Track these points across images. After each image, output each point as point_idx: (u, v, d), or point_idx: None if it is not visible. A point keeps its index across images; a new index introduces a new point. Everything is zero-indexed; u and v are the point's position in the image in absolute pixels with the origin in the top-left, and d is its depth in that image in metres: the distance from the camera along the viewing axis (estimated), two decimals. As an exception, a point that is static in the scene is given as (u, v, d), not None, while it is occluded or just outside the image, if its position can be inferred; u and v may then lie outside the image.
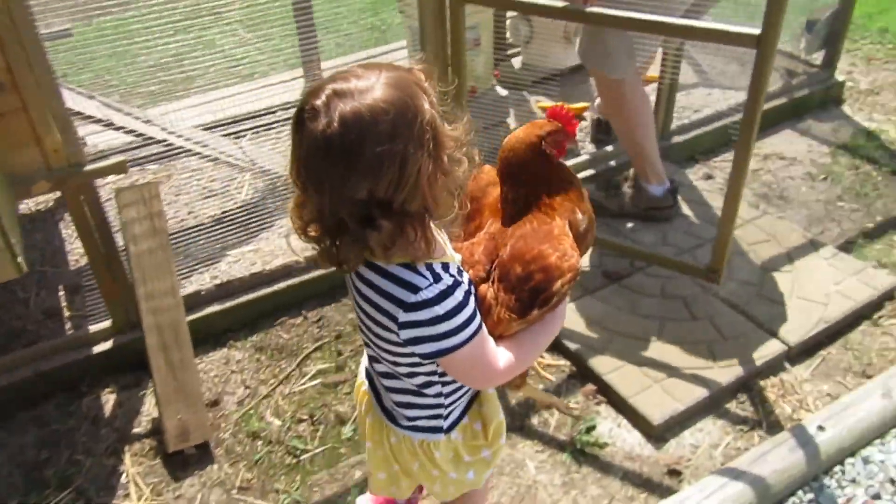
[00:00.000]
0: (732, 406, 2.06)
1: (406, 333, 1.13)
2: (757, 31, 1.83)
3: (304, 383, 2.19)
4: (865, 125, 3.24)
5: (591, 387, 2.13)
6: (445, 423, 1.32)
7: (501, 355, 1.23)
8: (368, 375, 1.40)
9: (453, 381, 1.27)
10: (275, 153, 2.93)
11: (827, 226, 2.68)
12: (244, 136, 3.17)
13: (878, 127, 3.22)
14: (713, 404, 2.05)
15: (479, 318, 1.18)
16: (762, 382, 2.11)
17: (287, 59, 3.09)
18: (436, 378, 1.25)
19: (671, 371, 2.09)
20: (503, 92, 3.03)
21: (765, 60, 1.85)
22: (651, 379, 2.07)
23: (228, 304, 2.33)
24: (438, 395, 1.27)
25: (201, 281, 2.43)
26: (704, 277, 2.23)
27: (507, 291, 1.24)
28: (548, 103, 3.34)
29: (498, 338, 1.25)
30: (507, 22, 3.44)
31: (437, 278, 1.12)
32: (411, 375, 1.24)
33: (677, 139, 3.00)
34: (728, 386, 2.07)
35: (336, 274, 1.19)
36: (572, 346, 2.19)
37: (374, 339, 1.22)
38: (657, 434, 1.98)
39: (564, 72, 3.46)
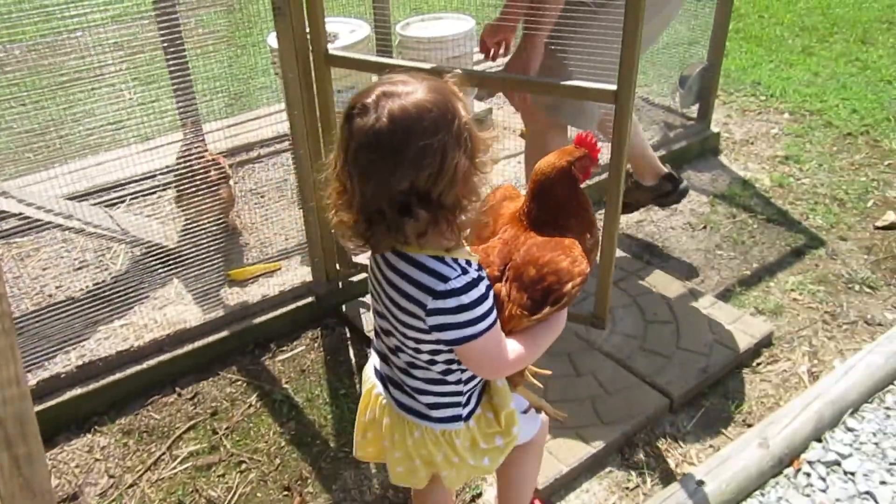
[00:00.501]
0: (617, 464, 2.04)
1: (433, 320, 1.23)
2: (613, 87, 1.87)
3: (174, 468, 2.05)
4: (741, 174, 3.37)
5: (476, 452, 2.07)
6: (464, 412, 1.40)
7: (511, 348, 1.34)
8: (381, 379, 1.45)
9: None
10: (152, 220, 2.82)
11: (707, 274, 2.75)
12: (122, 202, 3.05)
13: (753, 176, 3.36)
14: (598, 463, 2.03)
15: (496, 311, 1.28)
16: (646, 437, 2.11)
17: (173, 121, 3.00)
18: (455, 366, 1.34)
19: (555, 431, 2.06)
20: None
21: (623, 114, 1.89)
22: (536, 441, 2.04)
23: (93, 386, 2.18)
24: (458, 381, 1.36)
25: (66, 361, 2.27)
26: (591, 324, 2.24)
27: (519, 291, 1.36)
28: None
29: (508, 333, 1.36)
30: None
31: (465, 270, 1.24)
32: (432, 363, 1.32)
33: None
34: (612, 443, 2.05)
35: (365, 250, 1.29)
36: (457, 410, 2.13)
37: (398, 326, 1.30)
38: (543, 498, 1.94)
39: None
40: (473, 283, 1.23)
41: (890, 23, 5.16)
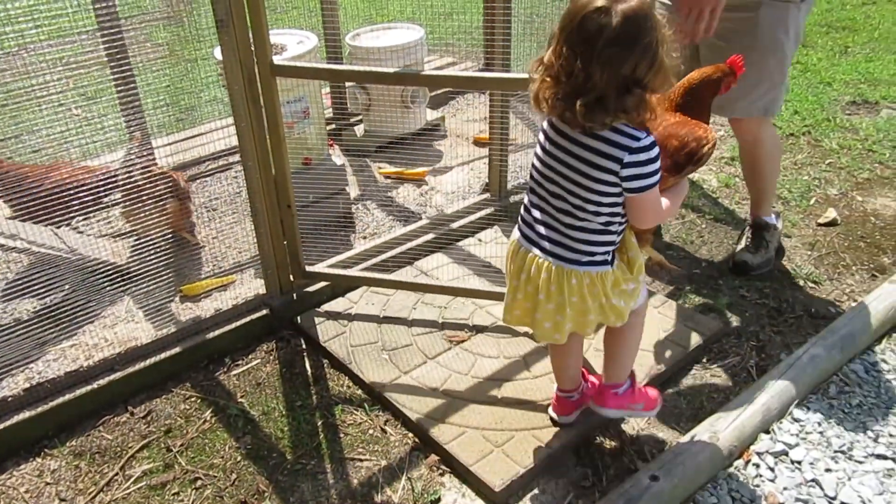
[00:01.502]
0: (573, 463, 2.07)
1: (626, 172, 1.60)
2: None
3: (127, 488, 2.02)
4: (689, 175, 3.44)
5: (434, 457, 2.08)
6: (611, 258, 1.76)
7: (663, 202, 1.74)
8: (534, 243, 1.78)
9: (623, 222, 1.73)
10: (100, 238, 2.78)
11: (658, 274, 2.80)
12: (69, 219, 3.00)
13: (700, 177, 3.44)
14: (554, 464, 2.05)
15: None
16: (600, 436, 2.14)
17: (121, 137, 2.96)
18: (616, 218, 1.71)
19: (511, 433, 2.08)
20: (339, 161, 3.02)
21: None
22: (492, 444, 2.06)
23: (41, 409, 2.14)
24: (614, 232, 1.73)
25: (13, 385, 2.22)
26: None
27: (664, 157, 1.73)
28: (389, 169, 3.37)
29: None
30: (346, 90, 3.46)
31: (648, 135, 1.61)
32: (598, 215, 1.68)
33: (515, 199, 3.08)
34: (568, 443, 2.07)
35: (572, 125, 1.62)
36: (413, 416, 2.14)
37: (580, 188, 1.66)
38: (500, 501, 1.95)
39: (406, 137, 3.51)
40: (654, 144, 1.61)
41: (828, 26, 5.33)
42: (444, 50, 4.75)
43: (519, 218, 1.85)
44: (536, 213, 1.79)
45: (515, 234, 1.85)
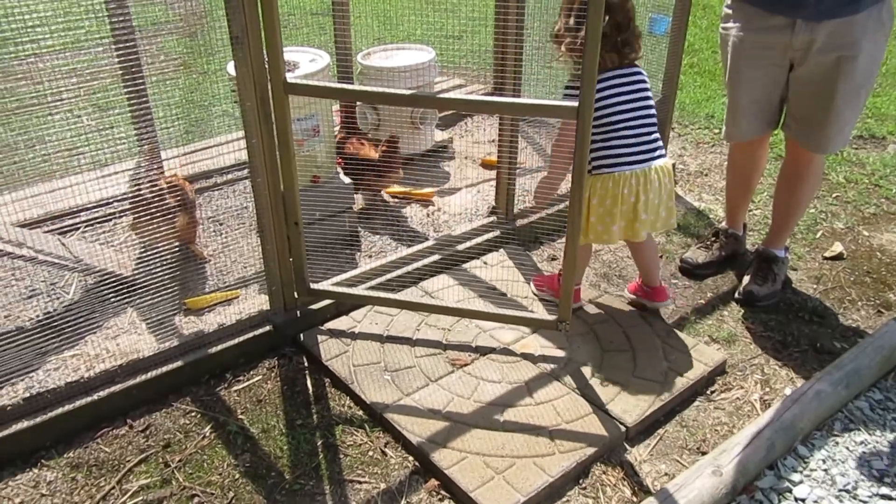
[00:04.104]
0: (574, 493, 2.05)
1: None
2: (575, 104, 1.96)
3: (123, 502, 1.99)
4: (696, 205, 3.45)
5: (433, 482, 2.06)
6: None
7: None
8: (634, 164, 2.36)
9: None
10: (106, 248, 2.77)
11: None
12: (76, 230, 3.00)
13: (707, 206, 3.44)
14: (555, 493, 2.03)
15: None
16: (602, 466, 2.12)
17: (131, 148, 2.97)
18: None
19: (513, 460, 2.07)
20: (346, 179, 3.02)
21: (584, 128, 1.98)
22: (493, 470, 2.04)
23: (40, 419, 2.12)
24: None
25: (13, 393, 2.21)
26: (555, 327, 2.42)
27: None
28: (397, 188, 3.37)
29: None
30: (357, 110, 3.48)
31: None
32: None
33: (521, 222, 3.08)
34: (569, 472, 2.05)
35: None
36: (414, 439, 2.12)
37: (647, 109, 2.39)
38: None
39: (415, 157, 3.51)
40: None
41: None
42: (454, 72, 4.78)
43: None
44: (634, 139, 2.36)
45: (620, 169, 2.36)
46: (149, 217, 2.42)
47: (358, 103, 3.45)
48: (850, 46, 2.38)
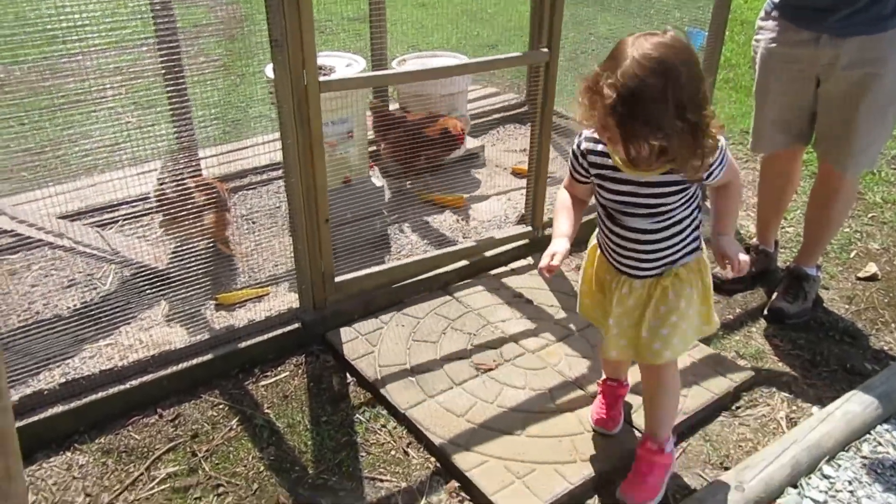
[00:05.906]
0: (594, 502, 2.05)
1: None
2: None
3: (151, 488, 2.04)
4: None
5: (454, 483, 2.08)
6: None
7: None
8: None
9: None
10: (143, 242, 2.84)
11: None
12: (114, 223, 3.08)
13: (739, 223, 3.42)
14: (575, 500, 2.03)
15: None
16: (624, 476, 2.11)
17: (170, 146, 3.04)
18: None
19: (533, 466, 2.07)
20: (378, 182, 3.06)
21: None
22: (514, 474, 2.05)
23: (74, 405, 2.18)
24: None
25: (49, 378, 2.27)
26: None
27: None
28: (428, 193, 3.40)
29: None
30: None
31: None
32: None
33: (550, 230, 3.08)
34: (589, 481, 2.06)
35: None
36: (436, 440, 2.14)
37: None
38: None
39: (446, 163, 3.54)
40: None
41: (877, 79, 5.28)
42: (487, 81, 4.81)
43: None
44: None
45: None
46: (172, 216, 2.48)
47: (392, 108, 3.49)
48: (877, 64, 2.36)
